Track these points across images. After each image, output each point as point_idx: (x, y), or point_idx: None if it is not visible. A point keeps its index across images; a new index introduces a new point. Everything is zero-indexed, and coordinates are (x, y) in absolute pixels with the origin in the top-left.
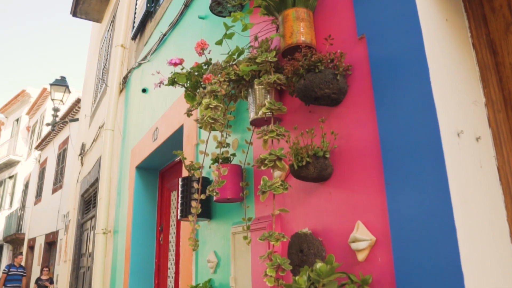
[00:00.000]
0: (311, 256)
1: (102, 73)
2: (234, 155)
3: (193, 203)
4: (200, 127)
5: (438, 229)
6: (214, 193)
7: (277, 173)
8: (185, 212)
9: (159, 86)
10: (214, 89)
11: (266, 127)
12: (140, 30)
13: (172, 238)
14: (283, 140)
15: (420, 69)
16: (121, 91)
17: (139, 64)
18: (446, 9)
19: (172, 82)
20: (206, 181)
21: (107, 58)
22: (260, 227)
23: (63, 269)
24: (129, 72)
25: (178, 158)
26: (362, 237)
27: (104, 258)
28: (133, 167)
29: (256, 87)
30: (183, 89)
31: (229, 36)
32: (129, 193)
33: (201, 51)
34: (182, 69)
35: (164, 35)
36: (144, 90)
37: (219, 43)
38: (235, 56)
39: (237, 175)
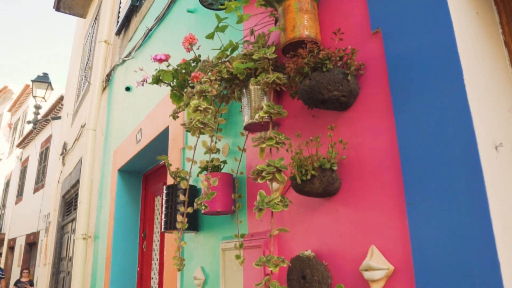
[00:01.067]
0: (315, 284)
1: (85, 70)
2: (224, 162)
3: (179, 217)
4: (188, 131)
5: (475, 261)
6: (203, 207)
7: (274, 185)
8: (170, 224)
9: (142, 85)
10: (204, 88)
11: (263, 133)
12: (124, 25)
13: (156, 246)
14: (283, 148)
15: (452, 69)
16: (104, 89)
17: (123, 61)
18: (475, 0)
19: (157, 80)
20: (193, 190)
21: (90, 55)
22: (255, 245)
23: (43, 272)
24: (113, 69)
25: (162, 161)
26: (377, 265)
27: (83, 264)
28: (115, 169)
29: (251, 87)
30: (168, 88)
31: (221, 29)
32: (111, 197)
33: (189, 46)
34: (168, 66)
35: (150, 30)
36: (127, 89)
37: (210, 36)
38: (228, 52)
39: (228, 186)
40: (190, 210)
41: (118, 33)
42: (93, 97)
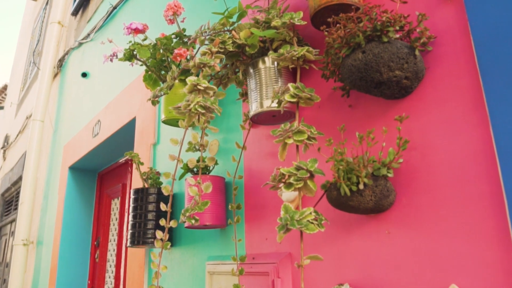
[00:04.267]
0: None
1: (34, 55)
2: (215, 162)
3: (159, 233)
4: (165, 121)
5: None
6: (193, 220)
7: (287, 195)
8: (139, 237)
9: (111, 60)
10: (204, 62)
11: (288, 125)
12: (82, 4)
13: (111, 256)
14: (312, 147)
15: None
16: (55, 75)
17: (80, 44)
18: None
19: (130, 56)
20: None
21: (40, 39)
22: (258, 272)
23: None
24: (67, 53)
25: (123, 158)
26: None
27: (23, 273)
28: (66, 167)
29: (262, 66)
30: (136, 72)
31: None
32: (59, 198)
33: (171, 17)
34: (144, 39)
35: (114, 8)
36: (84, 75)
37: None
38: (233, 19)
39: (220, 193)
40: (174, 224)
41: (74, 13)
42: (42, 84)
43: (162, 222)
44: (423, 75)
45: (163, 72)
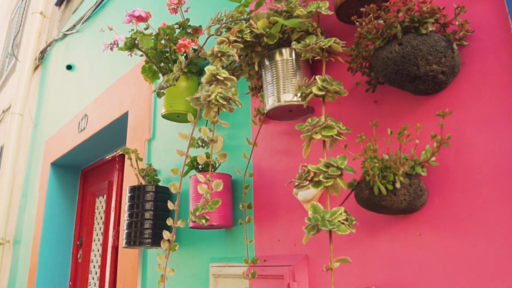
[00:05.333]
0: None
1: (12, 46)
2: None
3: (166, 234)
4: (166, 116)
5: None
6: (203, 220)
7: (304, 194)
8: (135, 238)
9: (111, 49)
10: (222, 50)
11: (315, 120)
12: None
13: (95, 256)
14: (339, 143)
15: None
16: (36, 68)
17: (64, 36)
18: None
19: (131, 45)
20: (165, 193)
21: (20, 30)
22: (271, 275)
23: None
24: (49, 45)
25: (110, 155)
26: None
27: None
28: (48, 163)
29: (278, 58)
30: (130, 64)
31: None
32: (40, 195)
33: (175, 6)
34: (146, 28)
35: None
36: (69, 67)
37: None
38: (248, 9)
39: (227, 191)
40: (181, 224)
41: (58, 3)
42: (21, 76)
43: (170, 222)
44: (459, 70)
45: (162, 64)
